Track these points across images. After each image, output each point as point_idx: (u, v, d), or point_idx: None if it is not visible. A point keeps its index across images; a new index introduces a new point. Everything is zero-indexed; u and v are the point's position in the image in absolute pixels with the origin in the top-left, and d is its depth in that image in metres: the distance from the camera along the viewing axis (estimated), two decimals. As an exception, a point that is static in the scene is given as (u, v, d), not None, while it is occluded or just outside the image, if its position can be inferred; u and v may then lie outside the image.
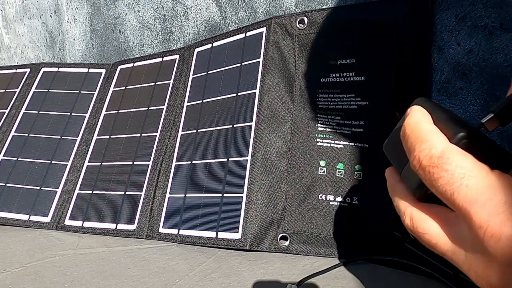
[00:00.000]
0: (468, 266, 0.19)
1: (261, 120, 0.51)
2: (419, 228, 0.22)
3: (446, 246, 0.20)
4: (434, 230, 0.21)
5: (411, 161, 0.21)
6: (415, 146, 0.21)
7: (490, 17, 0.41)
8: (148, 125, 0.64)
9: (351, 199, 0.45)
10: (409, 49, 0.45)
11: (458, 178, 0.18)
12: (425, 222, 0.22)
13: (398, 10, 0.45)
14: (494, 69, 0.41)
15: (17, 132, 0.72)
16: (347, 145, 0.47)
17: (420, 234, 0.22)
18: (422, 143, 0.21)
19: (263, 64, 0.53)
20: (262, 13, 0.59)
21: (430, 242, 0.21)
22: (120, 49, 0.80)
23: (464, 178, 0.18)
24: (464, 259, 0.19)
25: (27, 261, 0.50)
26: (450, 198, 0.19)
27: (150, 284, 0.43)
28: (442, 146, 0.20)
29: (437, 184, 0.19)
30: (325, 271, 0.41)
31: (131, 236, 0.56)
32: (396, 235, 0.42)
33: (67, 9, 0.87)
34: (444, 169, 0.19)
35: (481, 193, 0.18)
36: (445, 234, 0.20)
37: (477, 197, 0.18)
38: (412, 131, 0.22)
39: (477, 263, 0.18)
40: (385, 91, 0.45)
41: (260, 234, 0.47)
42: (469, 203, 0.18)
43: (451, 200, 0.19)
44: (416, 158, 0.21)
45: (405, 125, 0.22)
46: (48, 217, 0.63)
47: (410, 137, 0.22)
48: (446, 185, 0.19)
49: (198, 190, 0.53)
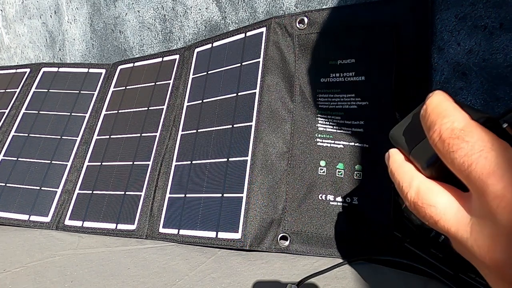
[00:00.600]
0: (472, 242, 0.19)
1: (261, 120, 0.51)
2: (425, 199, 0.21)
3: (451, 222, 0.20)
4: (441, 203, 0.21)
5: (431, 136, 0.21)
6: (437, 121, 0.21)
7: (490, 17, 0.41)
8: (148, 125, 0.64)
9: (351, 199, 0.45)
10: (409, 49, 0.45)
11: (478, 149, 0.18)
12: (433, 194, 0.21)
13: (398, 10, 0.45)
14: (494, 69, 0.41)
15: (17, 132, 0.72)
16: (347, 145, 0.47)
17: (425, 206, 0.21)
18: (445, 118, 0.21)
19: (263, 64, 0.53)
20: (262, 13, 0.59)
21: (433, 217, 0.21)
22: (120, 49, 0.80)
23: (483, 150, 0.18)
24: (469, 236, 0.19)
25: (27, 261, 0.50)
26: (467, 170, 0.19)
27: (150, 284, 0.43)
28: (465, 120, 0.20)
29: (456, 155, 0.19)
30: (325, 271, 0.41)
31: (131, 236, 0.56)
32: (396, 235, 0.42)
33: (67, 9, 0.87)
34: (465, 140, 0.19)
35: (499, 166, 0.18)
36: (453, 208, 0.20)
37: (495, 169, 0.18)
38: (434, 109, 0.22)
39: (483, 237, 0.18)
40: (385, 91, 0.45)
41: (260, 234, 0.47)
42: (486, 175, 0.18)
43: (468, 171, 0.19)
44: (436, 131, 0.20)
45: (427, 104, 0.22)
46: (48, 217, 0.63)
47: (432, 114, 0.21)
48: (464, 157, 0.19)
49: (198, 190, 0.53)
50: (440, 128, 0.20)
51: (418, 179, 0.23)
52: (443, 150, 0.20)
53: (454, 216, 0.20)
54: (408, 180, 0.23)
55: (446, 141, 0.20)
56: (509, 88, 0.40)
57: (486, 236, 0.18)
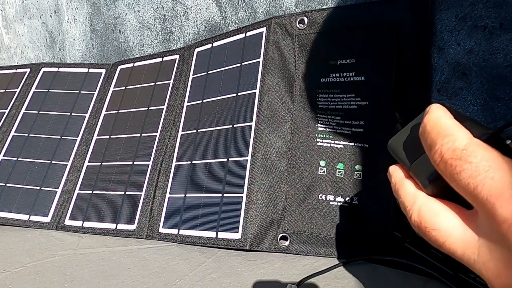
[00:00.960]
0: (481, 265, 0.18)
1: (261, 120, 0.51)
2: (427, 223, 0.21)
3: (457, 244, 0.19)
4: (445, 225, 0.20)
5: (432, 156, 0.20)
6: (437, 140, 0.20)
7: (490, 17, 0.41)
8: (148, 125, 0.64)
9: (351, 199, 0.45)
10: (409, 49, 0.45)
11: (483, 170, 0.18)
12: (435, 217, 0.21)
13: (398, 10, 0.45)
14: (494, 69, 0.41)
15: (17, 132, 0.72)
16: (347, 145, 0.47)
17: (429, 230, 0.20)
18: (445, 137, 0.20)
19: (263, 64, 0.53)
20: (262, 13, 0.59)
21: (438, 240, 0.20)
22: (120, 49, 0.80)
23: (489, 171, 0.18)
24: (477, 258, 0.18)
25: (27, 261, 0.50)
26: (473, 192, 0.18)
27: (150, 284, 0.43)
28: (466, 139, 0.19)
29: (460, 177, 0.18)
30: (325, 271, 0.41)
31: (131, 236, 0.56)
32: (396, 235, 0.42)
33: (67, 9, 0.87)
34: (468, 161, 0.18)
35: (507, 187, 0.17)
36: (458, 230, 0.20)
37: (503, 190, 0.17)
38: (434, 127, 0.21)
39: (494, 261, 0.18)
40: (385, 91, 0.45)
41: (260, 234, 0.47)
42: (494, 197, 0.17)
43: (474, 193, 0.18)
44: (437, 152, 0.20)
45: (425, 121, 0.21)
46: (48, 217, 0.63)
47: (432, 133, 0.21)
48: (469, 178, 0.18)
49: (198, 190, 0.53)
50: (441, 149, 0.20)
51: (419, 200, 0.22)
52: (446, 172, 0.19)
53: (460, 238, 0.19)
54: (410, 201, 0.22)
55: (448, 162, 0.19)
56: (509, 88, 0.40)
57: (497, 260, 0.17)
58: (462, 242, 0.19)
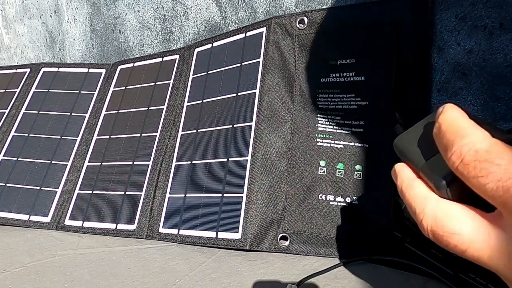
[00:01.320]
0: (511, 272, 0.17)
1: (261, 120, 0.51)
2: (446, 227, 0.19)
3: (482, 250, 0.18)
4: (466, 230, 0.18)
5: (449, 157, 0.19)
6: (454, 141, 0.19)
7: (490, 17, 0.41)
8: (148, 125, 0.64)
9: (351, 199, 0.45)
10: (409, 49, 0.45)
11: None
12: (453, 220, 0.19)
13: (398, 10, 0.45)
14: (494, 69, 0.41)
15: (17, 132, 0.72)
16: (347, 145, 0.47)
17: (447, 235, 0.19)
18: (463, 138, 0.18)
19: (263, 64, 0.53)
20: (262, 13, 0.59)
21: (459, 246, 0.19)
22: (120, 49, 0.80)
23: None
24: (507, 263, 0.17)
25: (27, 261, 0.50)
26: (503, 196, 0.17)
27: (150, 284, 0.43)
28: (488, 140, 0.18)
29: (486, 180, 0.17)
30: (325, 271, 0.41)
31: (131, 236, 0.56)
32: (396, 235, 0.42)
33: (67, 9, 0.87)
34: (496, 163, 0.17)
35: None
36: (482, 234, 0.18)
37: None
38: (449, 127, 0.19)
39: None
40: (385, 91, 0.45)
41: (260, 234, 0.47)
42: None
43: (504, 197, 0.17)
44: (456, 154, 0.18)
45: (440, 121, 0.20)
46: (48, 217, 0.63)
47: (447, 133, 0.19)
48: (498, 182, 0.17)
49: (198, 190, 0.53)
50: (460, 150, 0.18)
51: (433, 203, 0.20)
52: (467, 175, 0.18)
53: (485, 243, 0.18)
54: (421, 204, 0.21)
55: (470, 164, 0.18)
56: (509, 88, 0.40)
57: None
58: (488, 247, 0.18)
